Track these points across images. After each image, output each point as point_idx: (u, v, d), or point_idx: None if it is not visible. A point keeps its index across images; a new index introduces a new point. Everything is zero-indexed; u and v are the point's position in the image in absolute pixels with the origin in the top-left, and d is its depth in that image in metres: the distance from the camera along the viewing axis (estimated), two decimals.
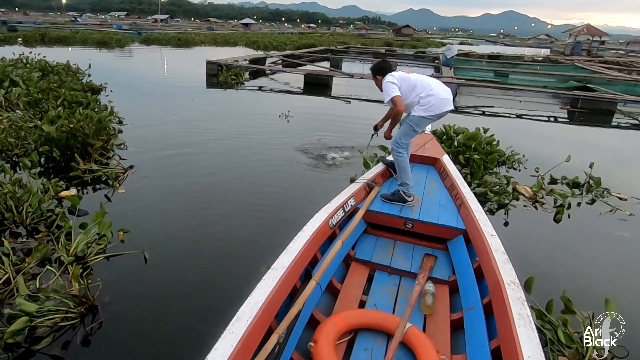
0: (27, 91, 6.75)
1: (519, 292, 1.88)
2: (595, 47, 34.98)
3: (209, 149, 5.86)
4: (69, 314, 2.36)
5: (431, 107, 3.07)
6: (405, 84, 3.14)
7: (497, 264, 2.13)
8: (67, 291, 2.45)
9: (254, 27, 74.50)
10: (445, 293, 2.42)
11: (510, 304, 1.79)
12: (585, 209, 4.62)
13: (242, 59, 15.19)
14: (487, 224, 2.59)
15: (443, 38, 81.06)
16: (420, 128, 3.21)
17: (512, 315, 1.73)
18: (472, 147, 5.25)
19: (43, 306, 2.33)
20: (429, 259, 2.69)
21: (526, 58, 26.44)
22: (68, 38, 24.05)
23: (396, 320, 2.00)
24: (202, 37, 32.79)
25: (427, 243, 2.92)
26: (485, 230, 2.50)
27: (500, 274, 2.03)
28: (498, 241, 2.37)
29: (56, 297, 2.39)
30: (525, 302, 1.81)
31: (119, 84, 10.09)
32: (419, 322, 2.15)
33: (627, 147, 8.01)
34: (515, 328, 1.65)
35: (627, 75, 16.77)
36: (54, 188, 3.84)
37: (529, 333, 1.62)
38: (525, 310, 1.75)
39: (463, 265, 2.51)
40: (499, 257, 2.18)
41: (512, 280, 1.97)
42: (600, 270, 3.47)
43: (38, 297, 2.39)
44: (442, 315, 2.22)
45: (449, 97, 3.13)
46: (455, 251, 2.70)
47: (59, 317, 2.32)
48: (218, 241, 3.47)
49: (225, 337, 1.54)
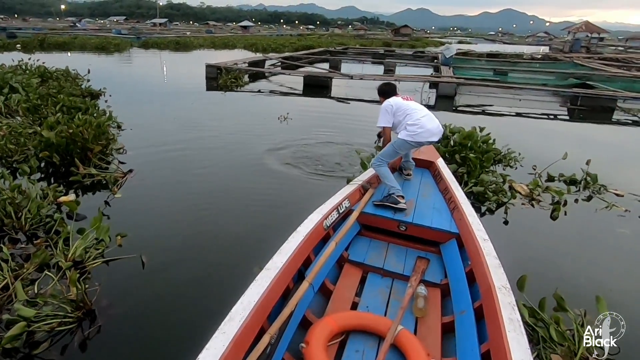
0: (27, 97, 6.79)
1: (509, 297, 1.90)
2: (594, 44, 34.94)
3: (208, 153, 5.90)
4: (66, 319, 2.39)
5: (415, 135, 3.24)
6: (401, 110, 3.40)
7: (489, 268, 2.14)
8: (64, 296, 2.48)
9: (253, 29, 74.58)
10: (437, 296, 2.44)
11: (501, 309, 1.81)
12: (582, 205, 4.65)
13: (241, 62, 15.22)
14: (480, 228, 2.60)
15: (442, 37, 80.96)
16: (402, 151, 3.46)
17: (502, 319, 1.75)
18: (468, 146, 5.25)
19: (41, 311, 2.36)
20: (421, 261, 2.70)
21: (525, 56, 26.37)
22: (67, 43, 24.13)
23: (388, 322, 2.02)
24: (201, 41, 32.84)
25: (420, 246, 2.93)
26: (478, 235, 2.51)
27: (492, 279, 2.04)
28: (490, 245, 2.39)
29: (54, 302, 2.42)
30: (516, 306, 1.84)
31: (118, 89, 10.13)
32: (411, 324, 2.17)
33: (626, 144, 8.02)
34: (505, 332, 1.67)
35: (627, 71, 16.70)
36: (53, 193, 3.88)
37: (518, 338, 1.64)
38: (515, 315, 1.77)
39: (455, 268, 2.53)
40: (491, 262, 2.20)
41: (503, 284, 1.99)
42: (595, 267, 3.48)
43: (36, 303, 2.43)
44: (433, 318, 2.23)
45: (436, 130, 3.29)
46: (448, 255, 2.72)
47: (57, 321, 2.35)
48: (216, 244, 3.50)
49: (217, 337, 1.55)
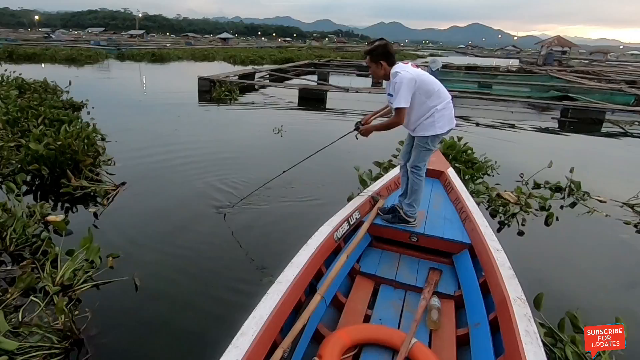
0: (6, 109, 6.52)
1: (525, 309, 1.87)
2: (566, 57, 36.46)
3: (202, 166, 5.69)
4: (52, 349, 2.23)
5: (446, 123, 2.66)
6: (425, 87, 2.60)
7: (503, 279, 2.12)
8: (51, 325, 2.32)
9: (232, 41, 74.59)
10: (450, 308, 2.40)
11: (517, 321, 1.79)
12: (567, 212, 4.80)
13: (232, 74, 15.09)
14: (493, 238, 2.59)
15: (415, 50, 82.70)
16: (435, 146, 2.85)
17: (518, 332, 1.72)
18: (451, 156, 5.32)
19: (24, 343, 2.19)
20: (434, 273, 2.67)
21: (501, 69, 27.11)
22: (37, 55, 23.32)
23: (401, 335, 1.98)
24: (181, 52, 32.66)
25: (433, 257, 2.90)
26: (491, 245, 2.49)
27: (507, 290, 2.02)
28: (504, 256, 2.37)
29: (39, 332, 2.26)
30: (532, 318, 1.81)
31: (101, 101, 9.85)
32: (425, 337, 2.12)
33: (613, 154, 8.25)
34: (522, 345, 1.64)
35: (605, 84, 17.26)
36: (39, 211, 3.69)
37: (535, 350, 1.61)
38: (532, 327, 1.74)
39: (469, 280, 2.51)
40: (505, 273, 2.18)
41: (518, 296, 1.97)
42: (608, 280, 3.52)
43: (19, 333, 2.25)
44: (447, 331, 2.19)
45: None
46: (461, 265, 2.70)
47: (42, 354, 2.18)
48: (212, 263, 3.37)
49: (230, 352, 1.54)
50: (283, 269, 2.11)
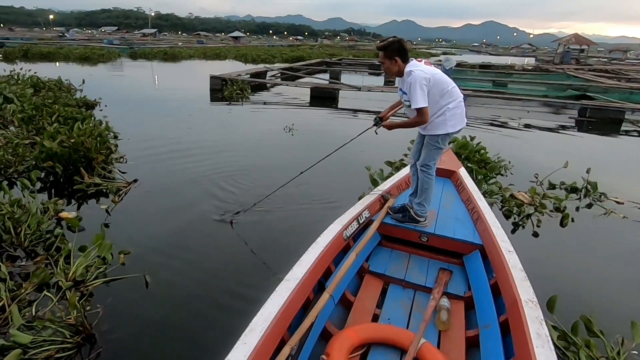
0: (22, 108, 6.66)
1: (537, 311, 1.85)
2: (584, 56, 35.69)
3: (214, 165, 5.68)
4: (65, 344, 2.26)
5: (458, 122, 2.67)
6: (439, 85, 2.59)
7: (514, 281, 2.09)
8: (63, 320, 2.35)
9: (244, 40, 74.82)
10: (460, 309, 2.37)
11: (528, 323, 1.76)
12: (585, 212, 4.70)
13: (244, 73, 15.14)
14: (505, 239, 2.55)
15: (428, 48, 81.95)
16: (446, 145, 2.88)
17: (529, 334, 1.70)
18: (464, 156, 5.26)
19: (38, 337, 2.23)
20: (444, 273, 2.64)
21: (517, 67, 26.68)
22: (52, 53, 23.67)
23: (410, 335, 1.97)
24: (193, 51, 32.90)
25: (443, 257, 2.87)
26: (502, 246, 2.46)
27: (518, 292, 1.99)
28: (516, 257, 2.33)
29: (52, 326, 2.29)
30: (544, 321, 1.78)
31: (114, 99, 9.97)
32: (434, 338, 2.11)
33: (632, 155, 8.09)
34: (533, 348, 1.61)
35: (623, 83, 16.89)
36: (53, 207, 3.74)
37: (547, 354, 1.58)
38: (543, 330, 1.71)
39: (479, 281, 2.48)
40: (517, 274, 2.15)
41: (530, 298, 1.94)
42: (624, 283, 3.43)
43: (33, 327, 2.29)
44: (457, 332, 2.17)
45: None
46: (471, 266, 2.66)
47: (54, 348, 2.22)
48: (221, 261, 3.38)
49: (238, 348, 1.56)
50: (292, 266, 2.12)
